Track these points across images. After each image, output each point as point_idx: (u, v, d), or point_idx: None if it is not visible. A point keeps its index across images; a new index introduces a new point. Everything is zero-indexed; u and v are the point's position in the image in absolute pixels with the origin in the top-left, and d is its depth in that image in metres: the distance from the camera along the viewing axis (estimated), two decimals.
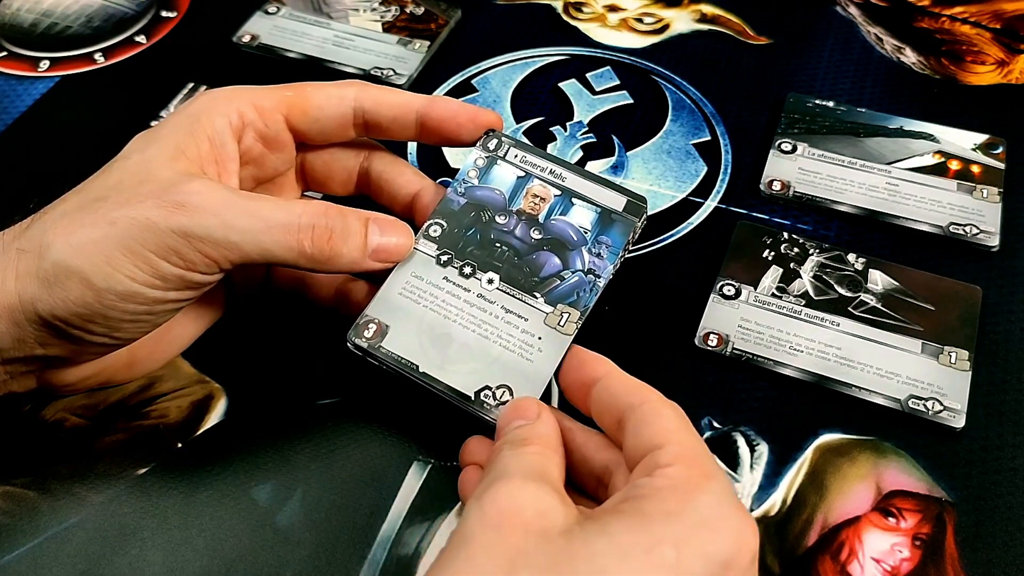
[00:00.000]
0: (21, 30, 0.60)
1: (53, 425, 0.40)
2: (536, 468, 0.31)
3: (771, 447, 0.40)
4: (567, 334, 0.37)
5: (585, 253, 0.39)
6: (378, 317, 0.37)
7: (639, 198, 0.40)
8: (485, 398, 0.36)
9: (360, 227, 0.36)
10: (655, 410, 0.32)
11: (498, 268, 0.38)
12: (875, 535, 0.38)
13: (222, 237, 0.33)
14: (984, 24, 0.61)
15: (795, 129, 0.53)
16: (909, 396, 0.41)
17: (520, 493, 0.29)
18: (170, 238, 0.32)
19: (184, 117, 0.36)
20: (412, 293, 0.38)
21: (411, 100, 0.39)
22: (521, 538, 0.27)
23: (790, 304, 0.45)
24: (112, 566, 0.36)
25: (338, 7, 0.61)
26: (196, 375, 0.42)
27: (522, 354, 0.37)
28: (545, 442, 0.32)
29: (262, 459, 0.39)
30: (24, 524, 0.37)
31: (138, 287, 0.33)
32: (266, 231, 0.33)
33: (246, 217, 0.33)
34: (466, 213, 0.39)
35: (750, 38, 0.60)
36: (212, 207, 0.33)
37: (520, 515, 0.28)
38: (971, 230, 0.48)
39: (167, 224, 0.32)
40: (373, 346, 0.37)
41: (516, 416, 0.34)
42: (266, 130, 0.37)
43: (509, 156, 0.40)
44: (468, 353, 0.37)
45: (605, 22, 0.61)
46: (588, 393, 0.35)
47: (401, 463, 0.39)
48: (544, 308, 0.37)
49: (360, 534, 0.37)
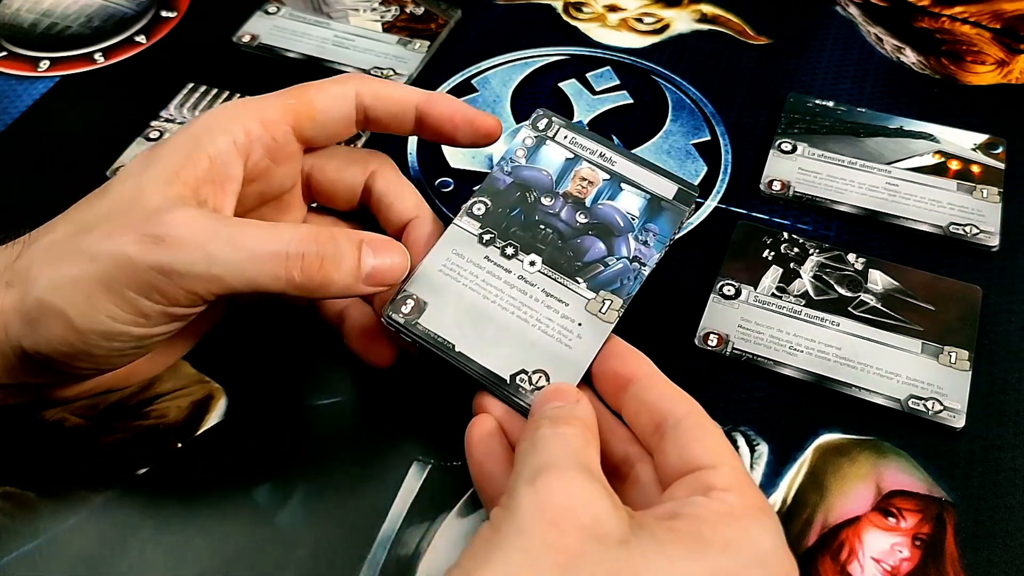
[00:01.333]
0: (21, 30, 0.60)
1: (53, 425, 0.40)
2: (581, 456, 0.30)
3: (771, 447, 0.40)
4: (608, 322, 0.36)
5: (631, 240, 0.38)
6: (416, 293, 0.37)
7: (690, 186, 0.39)
8: (521, 382, 0.35)
9: (353, 250, 0.34)
10: (704, 425, 0.32)
11: (541, 250, 0.38)
12: (875, 535, 0.38)
13: (203, 271, 0.31)
14: (984, 24, 0.61)
15: (795, 129, 0.53)
16: (909, 396, 0.41)
17: (576, 490, 0.28)
18: (149, 275, 0.31)
19: (186, 138, 0.35)
20: (452, 271, 0.37)
21: (410, 95, 0.38)
22: (579, 541, 0.27)
23: (790, 304, 0.45)
24: (112, 566, 0.36)
25: (338, 7, 0.61)
26: (196, 375, 0.42)
27: (561, 339, 0.36)
28: (584, 423, 0.32)
29: (262, 459, 0.39)
30: (24, 524, 0.37)
31: (120, 326, 0.32)
32: (251, 262, 0.32)
33: (230, 248, 0.32)
34: (511, 193, 0.39)
35: (750, 38, 0.60)
36: (193, 239, 0.31)
37: (577, 516, 0.27)
38: (971, 230, 0.48)
39: (145, 261, 0.31)
40: (410, 322, 0.36)
41: (554, 399, 0.33)
42: (273, 143, 0.36)
43: (559, 137, 0.40)
44: (506, 335, 0.36)
45: (605, 22, 0.61)
46: (622, 388, 0.34)
47: (401, 463, 0.39)
48: (586, 294, 0.37)
49: (360, 534, 0.37)
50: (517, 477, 0.29)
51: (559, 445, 0.30)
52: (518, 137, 0.40)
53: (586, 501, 0.28)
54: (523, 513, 0.27)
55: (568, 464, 0.29)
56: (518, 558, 0.26)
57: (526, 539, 0.27)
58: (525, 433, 0.32)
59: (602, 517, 0.28)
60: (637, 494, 0.33)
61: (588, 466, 0.30)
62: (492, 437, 0.35)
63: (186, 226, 0.32)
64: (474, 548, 0.27)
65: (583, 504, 0.28)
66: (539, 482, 0.28)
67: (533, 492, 0.28)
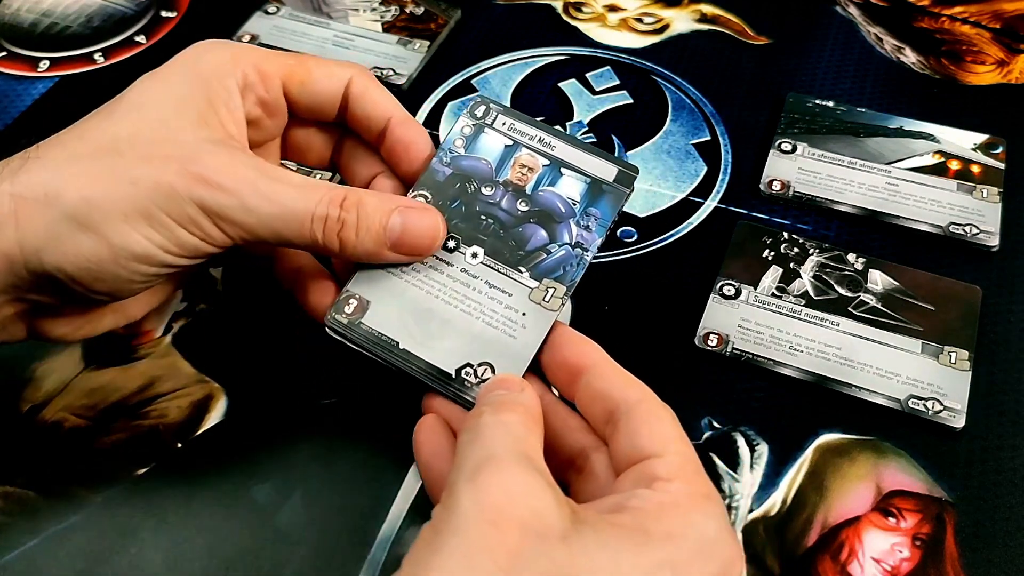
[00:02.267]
0: (21, 30, 0.60)
1: (53, 425, 0.40)
2: (522, 445, 0.30)
3: (771, 447, 0.40)
4: (552, 309, 0.36)
5: (573, 226, 0.38)
6: (359, 292, 0.36)
7: (631, 167, 0.38)
8: (466, 375, 0.35)
9: (379, 218, 0.35)
10: (653, 412, 0.32)
11: (483, 242, 0.37)
12: (875, 535, 0.38)
13: (239, 218, 0.33)
14: (984, 24, 0.61)
15: (795, 129, 0.53)
16: (909, 396, 0.41)
17: (516, 485, 0.28)
18: (191, 208, 0.32)
19: (196, 77, 0.35)
20: (395, 267, 0.37)
21: (387, 108, 0.38)
22: (519, 539, 0.27)
23: (790, 304, 0.45)
24: (112, 566, 0.36)
25: (338, 7, 0.61)
26: (196, 375, 0.42)
27: (505, 331, 0.36)
28: (527, 411, 0.31)
29: (262, 459, 0.39)
30: (24, 524, 0.37)
31: (154, 250, 0.32)
32: (281, 218, 0.33)
33: (266, 203, 0.33)
34: (451, 184, 0.38)
35: (750, 38, 0.60)
36: (234, 187, 0.32)
37: (517, 512, 0.27)
38: (971, 230, 0.48)
39: (189, 194, 0.32)
40: (353, 322, 0.36)
41: (498, 388, 0.33)
42: (266, 96, 0.37)
43: (497, 124, 0.39)
44: (450, 329, 0.36)
45: (605, 22, 0.61)
46: (574, 378, 0.34)
47: (401, 463, 0.39)
48: (529, 283, 0.37)
49: (360, 534, 0.37)
50: (457, 471, 0.29)
51: (500, 434, 0.30)
52: (456, 126, 0.39)
53: (526, 496, 0.28)
54: (462, 513, 0.27)
55: (508, 456, 0.29)
56: (458, 561, 0.26)
57: (466, 541, 0.26)
58: (467, 422, 0.31)
59: (543, 512, 0.27)
60: (593, 485, 0.33)
61: (529, 456, 0.29)
62: (438, 436, 0.35)
63: (227, 172, 0.33)
64: (416, 550, 0.27)
65: (523, 499, 0.28)
66: (479, 478, 0.28)
67: (473, 490, 0.28)
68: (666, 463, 0.30)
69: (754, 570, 0.37)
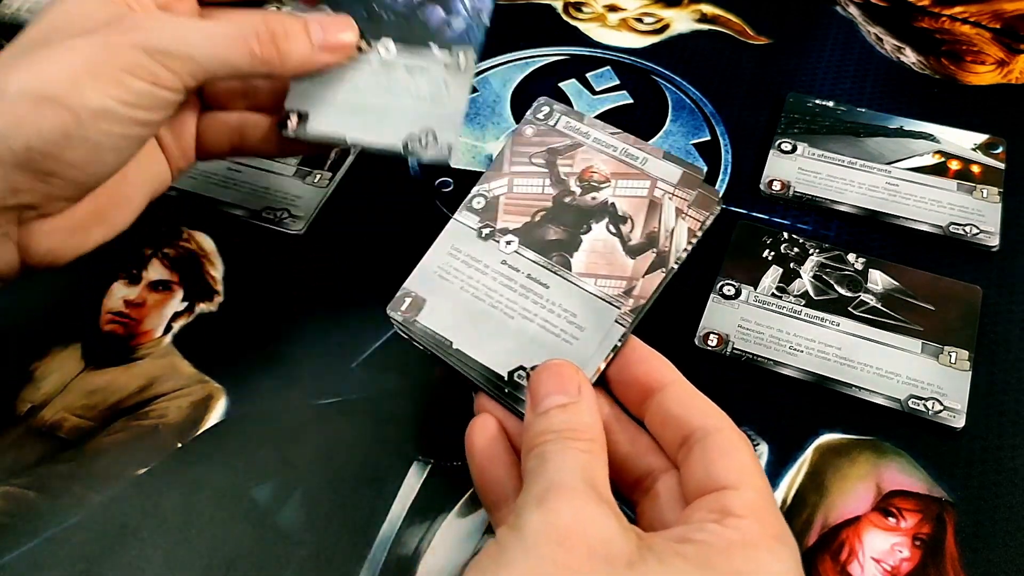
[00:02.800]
0: (21, 30, 0.60)
1: (53, 425, 0.40)
2: (588, 473, 0.30)
3: (771, 447, 0.40)
4: (466, 72, 0.38)
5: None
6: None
7: None
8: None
9: (300, 26, 0.37)
10: (731, 443, 0.31)
11: (389, 33, 0.39)
12: (875, 535, 0.38)
13: (183, 51, 0.35)
14: (984, 24, 0.61)
15: (795, 129, 0.53)
16: (909, 396, 0.41)
17: (585, 511, 0.28)
18: (134, 54, 0.34)
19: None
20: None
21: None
22: (586, 562, 0.26)
23: (790, 304, 0.45)
24: (112, 566, 0.36)
25: None
26: (196, 375, 0.42)
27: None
28: (592, 436, 0.31)
29: (262, 459, 0.39)
30: (24, 524, 0.37)
31: (110, 103, 0.33)
32: (219, 42, 0.36)
33: (200, 35, 0.36)
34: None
35: (750, 38, 0.60)
36: (166, 28, 0.35)
37: (586, 536, 0.27)
38: (971, 230, 0.48)
39: (129, 42, 0.34)
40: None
41: (555, 388, 0.32)
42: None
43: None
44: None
45: (605, 22, 0.61)
46: (645, 397, 0.33)
47: (401, 463, 0.39)
48: (441, 55, 0.39)
49: (360, 534, 0.37)
50: (525, 496, 0.29)
51: (566, 463, 0.30)
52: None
53: (594, 521, 0.28)
54: (530, 533, 0.27)
55: (575, 484, 0.29)
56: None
57: (533, 559, 0.27)
58: (531, 445, 0.31)
59: (610, 538, 0.27)
60: (658, 509, 0.32)
61: (595, 484, 0.29)
62: (494, 440, 0.34)
63: (156, 20, 0.36)
64: (480, 563, 0.27)
65: (591, 525, 0.28)
66: (547, 503, 0.28)
67: (541, 512, 0.28)
68: (740, 497, 0.29)
69: None
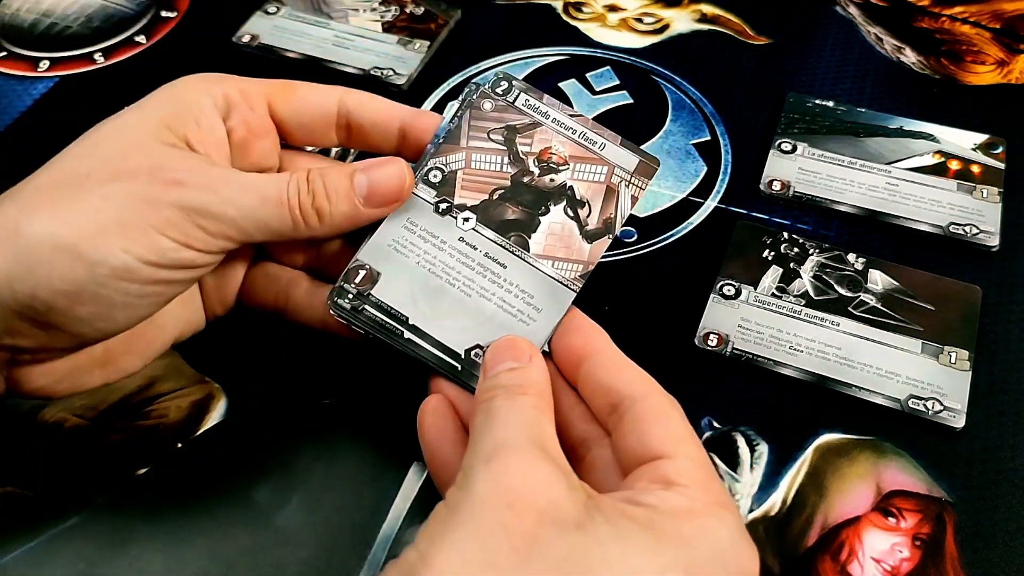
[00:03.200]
0: (21, 30, 0.60)
1: (53, 425, 0.40)
2: (536, 429, 0.30)
3: (771, 447, 0.40)
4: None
5: None
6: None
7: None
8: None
9: (344, 180, 0.35)
10: (662, 410, 0.31)
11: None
12: (875, 535, 0.38)
13: (221, 212, 0.32)
14: (984, 24, 0.61)
15: (795, 129, 0.53)
16: (909, 396, 0.41)
17: (533, 471, 0.28)
18: (169, 211, 0.31)
19: (167, 95, 0.35)
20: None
21: (396, 109, 0.38)
22: (535, 524, 0.27)
23: (790, 304, 0.45)
24: (112, 566, 0.36)
25: (338, 7, 0.61)
26: (196, 375, 0.42)
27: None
28: (540, 392, 0.32)
29: (262, 459, 0.39)
30: (24, 524, 0.37)
31: (133, 262, 0.31)
32: (262, 205, 0.33)
33: (242, 193, 0.33)
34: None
35: (750, 38, 0.60)
36: (209, 184, 0.32)
37: (535, 498, 0.27)
38: (971, 230, 0.48)
39: (167, 198, 0.31)
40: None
41: (508, 355, 0.33)
42: (251, 114, 0.36)
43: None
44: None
45: (605, 22, 0.61)
46: (577, 365, 0.34)
47: (401, 463, 0.39)
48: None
49: (360, 534, 0.37)
50: (472, 455, 0.29)
51: (515, 419, 0.30)
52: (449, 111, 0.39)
53: (543, 482, 0.28)
54: (479, 494, 0.27)
55: (523, 442, 0.29)
56: (474, 541, 0.26)
57: (482, 522, 0.26)
58: (479, 402, 0.31)
59: (559, 499, 0.27)
60: (594, 476, 0.33)
61: (543, 441, 0.29)
62: (444, 419, 0.34)
63: (200, 172, 0.33)
64: (429, 528, 0.27)
65: (540, 485, 0.28)
66: (495, 462, 0.28)
67: (489, 473, 0.28)
68: (678, 467, 0.30)
69: None
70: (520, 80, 0.39)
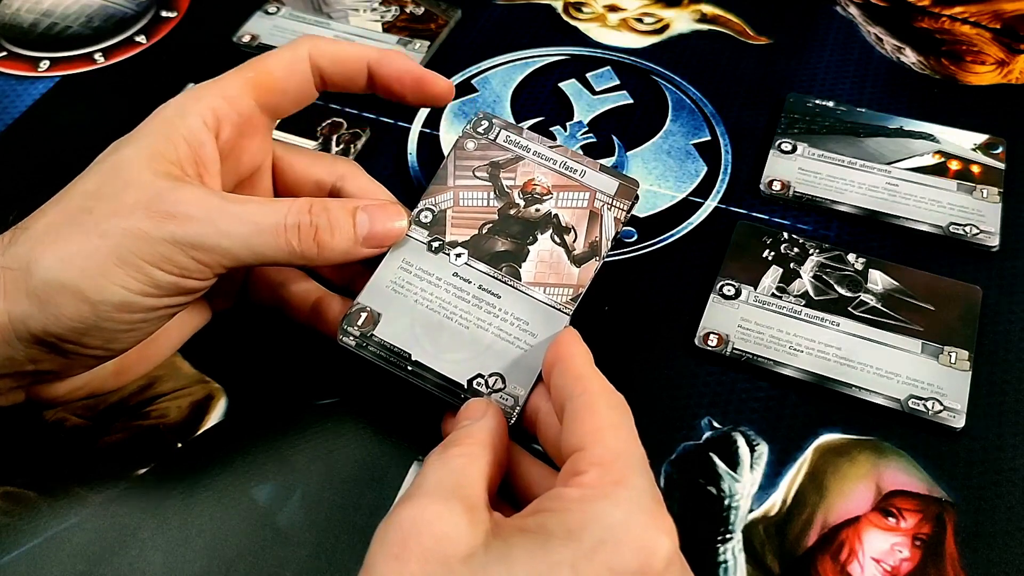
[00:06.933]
0: (21, 30, 0.60)
1: (53, 425, 0.40)
2: (453, 477, 0.30)
3: (771, 447, 0.40)
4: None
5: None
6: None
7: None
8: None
9: (347, 218, 0.36)
10: (589, 404, 0.31)
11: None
12: (875, 535, 0.38)
13: (215, 243, 0.33)
14: (984, 24, 0.61)
15: (795, 129, 0.53)
16: (909, 396, 0.41)
17: (422, 515, 0.28)
18: (163, 247, 0.32)
19: (157, 122, 0.35)
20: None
21: (363, 52, 0.38)
22: (419, 566, 0.27)
23: (790, 304, 0.45)
24: (112, 566, 0.36)
25: (338, 7, 0.61)
26: (196, 375, 0.42)
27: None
28: (476, 440, 0.32)
29: (262, 459, 0.39)
30: (24, 524, 0.37)
31: (133, 296, 0.33)
32: (257, 235, 0.33)
33: (237, 223, 0.33)
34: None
35: (750, 38, 0.60)
36: (204, 215, 0.33)
37: (420, 540, 0.27)
38: (971, 230, 0.48)
39: (160, 233, 0.32)
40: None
41: (463, 416, 0.34)
42: (239, 118, 0.37)
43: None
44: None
45: (605, 22, 0.61)
46: (550, 374, 0.34)
47: (401, 463, 0.39)
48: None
49: (360, 534, 0.37)
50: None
51: (434, 470, 0.30)
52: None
53: (433, 521, 0.28)
54: (371, 552, 0.28)
55: (426, 491, 0.29)
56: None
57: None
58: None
59: (446, 534, 0.28)
60: None
61: (456, 485, 0.30)
62: None
63: (194, 203, 0.33)
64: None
65: (428, 524, 0.28)
66: (391, 517, 0.29)
67: (383, 530, 0.29)
68: (587, 456, 0.29)
69: (754, 570, 0.37)
70: (500, 118, 0.41)
